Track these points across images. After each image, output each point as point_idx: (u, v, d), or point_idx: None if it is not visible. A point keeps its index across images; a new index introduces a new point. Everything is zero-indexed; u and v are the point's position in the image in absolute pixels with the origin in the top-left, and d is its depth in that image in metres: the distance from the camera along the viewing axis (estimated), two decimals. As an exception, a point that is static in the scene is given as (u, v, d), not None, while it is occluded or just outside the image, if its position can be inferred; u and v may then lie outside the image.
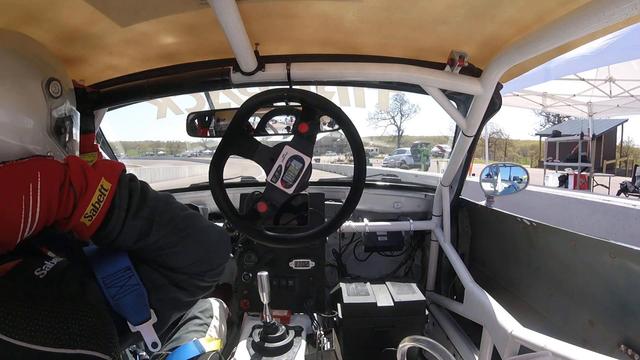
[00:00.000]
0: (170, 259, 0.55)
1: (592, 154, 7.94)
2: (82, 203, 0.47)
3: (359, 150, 0.87)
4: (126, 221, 0.50)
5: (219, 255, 0.61)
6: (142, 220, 0.52)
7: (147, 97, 1.10)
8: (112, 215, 0.49)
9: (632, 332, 0.83)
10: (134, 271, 0.52)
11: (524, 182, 1.51)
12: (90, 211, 0.47)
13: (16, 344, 0.32)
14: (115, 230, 0.50)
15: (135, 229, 0.51)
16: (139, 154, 53.27)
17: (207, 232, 0.60)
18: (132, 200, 0.52)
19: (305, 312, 1.35)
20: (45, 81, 0.52)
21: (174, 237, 0.54)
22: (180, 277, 0.56)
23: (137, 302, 0.51)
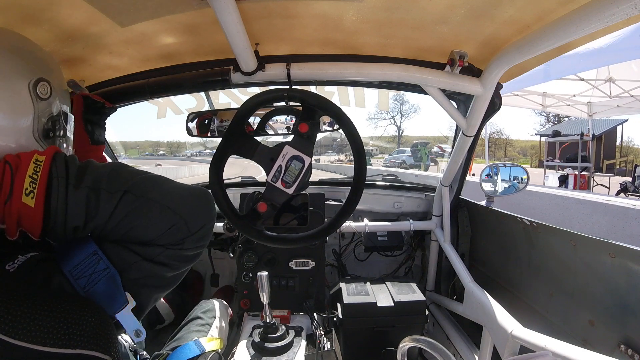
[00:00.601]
0: (137, 231, 0.49)
1: (592, 154, 7.94)
2: (18, 177, 0.42)
3: (359, 150, 0.87)
4: (68, 193, 0.45)
5: (196, 215, 0.53)
6: (85, 189, 0.46)
7: (147, 97, 1.10)
8: (52, 186, 0.44)
9: (632, 332, 0.83)
10: (101, 254, 0.48)
11: (524, 182, 1.51)
12: (29, 184, 0.42)
13: (16, 344, 0.32)
14: (61, 205, 0.44)
15: (81, 202, 0.45)
16: (139, 154, 53.26)
17: (175, 192, 0.52)
18: (70, 170, 0.46)
19: (305, 312, 1.35)
20: (33, 82, 0.50)
21: (132, 205, 0.48)
22: (155, 251, 0.50)
23: (110, 287, 0.47)
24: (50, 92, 0.52)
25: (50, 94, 0.52)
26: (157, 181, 0.52)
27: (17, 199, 0.42)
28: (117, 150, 1.59)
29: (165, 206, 0.50)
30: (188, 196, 0.53)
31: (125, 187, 0.48)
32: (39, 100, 0.51)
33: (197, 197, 0.54)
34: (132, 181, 0.49)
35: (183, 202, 0.52)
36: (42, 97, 0.51)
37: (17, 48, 0.52)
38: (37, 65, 0.53)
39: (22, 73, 0.50)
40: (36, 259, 0.46)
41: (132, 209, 0.48)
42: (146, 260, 0.50)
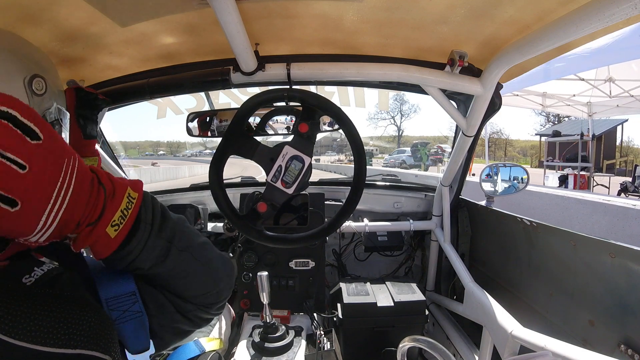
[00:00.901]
0: (181, 287, 0.52)
1: (592, 154, 7.94)
2: (110, 207, 0.40)
3: (359, 150, 0.87)
4: (149, 239, 0.45)
5: (226, 288, 0.59)
6: (162, 241, 0.47)
7: (147, 97, 1.10)
8: (139, 229, 0.44)
9: (632, 332, 0.83)
10: (138, 297, 0.48)
11: (524, 182, 1.51)
12: (118, 218, 0.41)
13: (16, 344, 0.32)
14: (138, 248, 0.44)
15: (155, 250, 0.46)
16: (139, 154, 53.26)
17: (218, 263, 0.57)
18: (155, 217, 0.47)
19: (305, 312, 1.35)
20: (28, 78, 0.50)
21: (188, 265, 0.51)
22: (187, 307, 0.54)
23: (138, 330, 0.48)
24: (46, 88, 0.52)
25: (46, 90, 0.52)
26: (209, 248, 0.56)
27: (102, 226, 0.40)
28: (117, 150, 1.59)
29: (209, 274, 0.55)
30: (224, 267, 0.59)
31: (190, 249, 0.51)
32: (34, 96, 0.51)
33: (231, 272, 0.61)
34: (195, 244, 0.53)
35: (221, 275, 0.58)
36: (37, 93, 0.51)
37: (12, 47, 0.53)
38: (32, 63, 0.53)
39: (18, 70, 0.50)
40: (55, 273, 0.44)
41: (187, 268, 0.51)
42: (178, 312, 0.53)
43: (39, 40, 0.81)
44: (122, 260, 0.44)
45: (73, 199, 0.35)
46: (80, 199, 0.37)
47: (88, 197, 0.38)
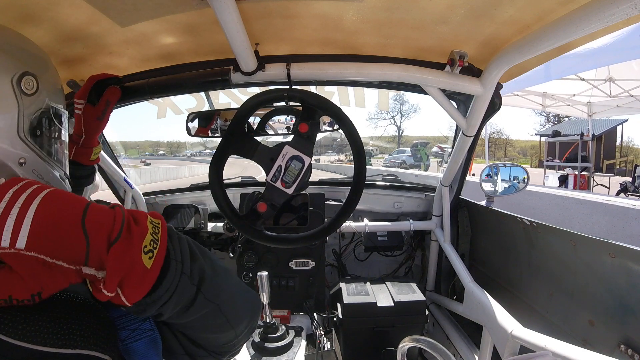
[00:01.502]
0: (197, 335, 0.47)
1: (592, 154, 7.94)
2: (136, 229, 0.35)
3: (359, 150, 0.87)
4: (181, 280, 0.39)
5: (246, 336, 0.53)
6: (194, 287, 0.41)
7: (147, 97, 1.10)
8: (170, 266, 0.37)
9: (632, 332, 0.83)
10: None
11: (524, 182, 1.51)
12: (149, 242, 0.36)
13: (16, 344, 0.32)
14: (170, 290, 0.37)
15: (185, 296, 0.40)
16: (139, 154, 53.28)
17: (244, 310, 0.51)
18: (184, 255, 0.40)
19: (305, 312, 1.35)
20: (17, 76, 0.46)
21: (213, 319, 0.45)
22: (199, 352, 0.49)
23: (150, 349, 0.43)
24: (37, 87, 0.48)
25: (37, 89, 0.48)
26: (237, 295, 0.50)
27: (137, 249, 0.34)
28: (117, 150, 1.59)
29: (232, 327, 0.48)
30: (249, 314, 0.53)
31: (218, 300, 0.44)
32: (23, 96, 0.46)
33: (255, 315, 0.54)
34: (225, 292, 0.46)
35: (243, 320, 0.51)
36: (27, 93, 0.47)
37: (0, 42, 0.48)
38: (22, 60, 0.49)
39: (4, 68, 0.46)
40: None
41: (212, 322, 0.45)
42: (187, 355, 0.49)
43: (39, 40, 0.81)
44: (147, 306, 0.37)
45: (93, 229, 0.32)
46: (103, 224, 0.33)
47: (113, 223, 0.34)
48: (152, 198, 1.77)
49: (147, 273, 0.35)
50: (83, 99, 0.83)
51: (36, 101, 0.48)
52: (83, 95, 0.83)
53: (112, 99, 0.86)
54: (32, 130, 0.48)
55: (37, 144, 0.48)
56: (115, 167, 1.46)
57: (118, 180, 1.51)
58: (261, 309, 0.60)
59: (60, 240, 0.31)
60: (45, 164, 0.49)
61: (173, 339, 0.47)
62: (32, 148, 0.48)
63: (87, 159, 0.86)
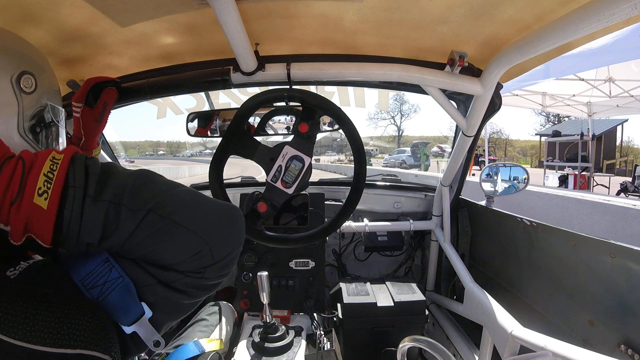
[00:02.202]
0: (157, 255, 0.44)
1: (592, 154, 7.94)
2: (32, 175, 0.37)
3: (359, 150, 0.87)
4: (85, 205, 0.39)
5: (224, 242, 0.47)
6: (105, 204, 0.40)
7: (147, 97, 1.10)
8: (67, 198, 0.38)
9: (632, 332, 0.83)
10: (113, 262, 0.43)
11: (524, 182, 1.51)
12: (43, 183, 0.37)
13: (16, 344, 0.32)
14: (74, 219, 0.38)
15: (98, 218, 0.39)
16: (139, 154, 53.29)
17: (205, 215, 0.46)
18: (90, 178, 0.40)
19: (305, 312, 1.35)
20: (16, 75, 0.47)
21: (155, 226, 0.42)
22: (172, 276, 0.45)
23: (125, 297, 0.43)
24: (36, 85, 0.50)
25: (36, 87, 0.50)
26: (186, 199, 0.46)
27: (29, 198, 0.37)
28: (117, 150, 1.59)
29: (192, 231, 0.44)
30: (218, 218, 0.47)
31: (150, 205, 0.42)
32: (22, 94, 0.48)
33: (228, 220, 0.49)
34: (158, 198, 0.43)
35: (212, 225, 0.46)
36: (26, 91, 0.48)
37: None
38: (20, 59, 0.50)
39: (4, 67, 0.47)
40: (40, 264, 0.42)
41: (155, 230, 0.42)
42: (161, 284, 0.45)
43: (39, 40, 0.81)
44: (70, 241, 0.39)
45: None
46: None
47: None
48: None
49: (45, 213, 0.37)
50: (81, 102, 0.83)
51: (35, 99, 0.50)
52: (80, 98, 0.83)
53: (109, 100, 0.86)
54: (31, 127, 0.49)
55: (36, 141, 0.50)
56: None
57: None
58: (241, 217, 0.52)
59: None
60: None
61: (138, 270, 0.44)
62: (32, 145, 0.49)
63: None
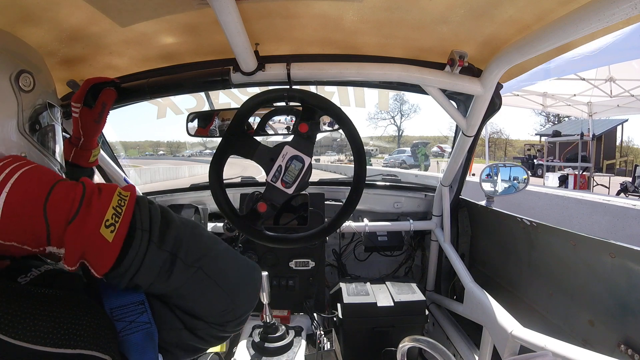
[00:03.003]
0: (192, 305, 0.47)
1: (592, 154, 7.94)
2: (98, 203, 0.37)
3: (359, 150, 0.87)
4: (149, 249, 0.40)
5: (246, 302, 0.52)
6: (165, 253, 0.42)
7: (147, 97, 1.10)
8: (134, 237, 0.39)
9: (632, 332, 0.84)
10: (147, 307, 0.44)
11: (524, 182, 1.51)
12: (111, 217, 0.37)
13: (16, 344, 0.32)
14: (137, 261, 0.39)
15: (157, 264, 0.41)
16: (139, 154, 53.31)
17: (237, 277, 0.51)
18: (154, 223, 0.41)
19: (305, 312, 1.35)
20: (15, 74, 0.48)
21: (199, 283, 0.45)
22: (198, 325, 0.48)
23: (146, 342, 0.43)
24: (34, 84, 0.50)
25: (34, 86, 0.50)
26: (226, 259, 0.50)
27: (95, 226, 0.36)
28: (117, 150, 1.59)
29: (224, 290, 0.48)
30: (244, 280, 0.52)
31: (200, 263, 0.45)
32: (21, 93, 0.49)
33: (251, 281, 0.54)
34: (206, 257, 0.46)
35: (239, 286, 0.50)
36: (25, 90, 0.49)
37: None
38: (18, 59, 0.51)
39: (2, 66, 0.48)
40: (53, 272, 0.43)
41: (198, 286, 0.45)
42: (187, 330, 0.48)
43: (39, 40, 0.81)
44: (121, 278, 0.40)
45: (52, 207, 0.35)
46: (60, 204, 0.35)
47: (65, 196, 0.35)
48: (152, 198, 1.77)
49: (109, 246, 0.37)
50: (79, 102, 0.83)
51: (33, 98, 0.51)
52: (79, 99, 0.83)
53: (108, 101, 0.86)
54: (31, 125, 0.50)
55: (35, 138, 0.51)
56: (115, 167, 1.46)
57: (118, 181, 1.51)
58: (260, 278, 0.58)
59: (24, 230, 0.35)
60: (44, 158, 0.52)
61: (170, 314, 0.46)
62: (32, 142, 0.50)
63: (86, 161, 0.86)
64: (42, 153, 0.51)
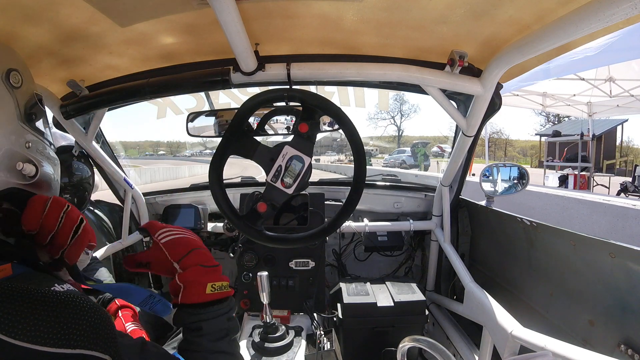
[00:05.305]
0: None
1: (592, 154, 7.94)
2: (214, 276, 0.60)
3: (359, 150, 0.87)
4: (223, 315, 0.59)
5: None
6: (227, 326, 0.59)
7: (147, 97, 1.10)
8: (223, 302, 0.60)
9: (632, 332, 0.83)
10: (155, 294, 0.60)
11: (524, 182, 1.51)
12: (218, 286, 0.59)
13: (16, 344, 0.32)
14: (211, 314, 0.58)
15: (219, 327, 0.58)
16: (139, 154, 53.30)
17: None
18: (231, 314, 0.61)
19: (305, 312, 1.35)
20: (4, 73, 0.52)
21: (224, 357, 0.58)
22: None
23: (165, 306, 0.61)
24: (22, 80, 0.55)
25: (22, 81, 0.55)
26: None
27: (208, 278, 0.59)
28: (117, 150, 1.59)
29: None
30: None
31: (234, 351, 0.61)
32: (13, 90, 0.53)
33: None
34: (237, 349, 0.62)
35: None
36: (16, 86, 0.53)
37: None
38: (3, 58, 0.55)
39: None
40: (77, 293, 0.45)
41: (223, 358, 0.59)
42: None
43: (39, 40, 0.81)
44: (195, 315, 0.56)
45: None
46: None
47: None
48: (152, 198, 1.77)
49: (202, 294, 0.57)
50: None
51: (24, 92, 0.56)
52: None
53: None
54: (27, 117, 0.55)
55: (33, 128, 0.56)
56: (115, 167, 1.46)
57: (118, 181, 1.51)
58: None
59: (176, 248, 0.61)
60: (44, 144, 0.58)
61: None
62: (31, 132, 0.55)
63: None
64: (41, 140, 0.57)
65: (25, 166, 0.51)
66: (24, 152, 0.53)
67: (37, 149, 0.56)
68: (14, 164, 0.50)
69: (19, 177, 0.52)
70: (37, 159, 0.55)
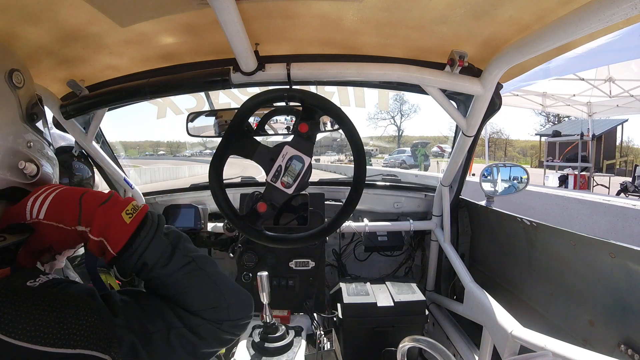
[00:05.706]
0: (188, 297, 0.53)
1: (592, 154, 7.94)
2: (121, 201, 0.52)
3: (359, 150, 0.87)
4: (156, 235, 0.52)
5: (238, 306, 0.58)
6: (167, 241, 0.54)
7: (147, 97, 1.10)
8: (146, 224, 0.52)
9: (632, 332, 0.84)
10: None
11: (524, 182, 1.51)
12: (131, 209, 0.51)
13: (16, 344, 0.32)
14: (145, 241, 0.51)
15: (160, 248, 0.52)
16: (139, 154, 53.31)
17: (225, 279, 0.59)
18: (161, 222, 0.55)
19: (305, 312, 1.35)
20: (7, 73, 0.52)
21: (192, 273, 0.54)
22: (196, 321, 0.53)
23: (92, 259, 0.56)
24: (24, 80, 0.56)
25: (24, 82, 0.56)
26: (213, 263, 0.60)
27: (117, 210, 0.50)
28: (117, 150, 1.59)
29: (217, 286, 0.57)
30: (235, 288, 0.60)
31: (192, 256, 0.56)
32: (16, 90, 0.54)
33: (242, 293, 0.62)
34: (196, 253, 0.57)
35: (230, 290, 0.59)
36: (18, 86, 0.54)
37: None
38: (6, 59, 0.55)
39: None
40: (59, 281, 0.45)
41: (193, 276, 0.55)
42: (186, 328, 0.53)
43: (39, 40, 0.81)
44: (132, 256, 0.50)
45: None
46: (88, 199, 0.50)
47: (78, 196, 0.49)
48: (152, 198, 1.77)
49: (126, 226, 0.50)
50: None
51: (26, 92, 0.56)
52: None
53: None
54: (29, 117, 0.56)
55: (34, 128, 0.57)
56: (115, 167, 1.46)
57: (118, 181, 1.51)
58: (252, 304, 0.64)
59: (63, 212, 0.49)
60: (44, 144, 0.59)
61: (170, 313, 0.52)
62: (33, 132, 0.56)
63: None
64: (41, 140, 0.58)
65: (27, 165, 0.52)
66: (26, 152, 0.53)
67: (38, 148, 0.56)
68: (16, 163, 0.51)
69: (21, 176, 0.52)
70: (38, 158, 0.55)
